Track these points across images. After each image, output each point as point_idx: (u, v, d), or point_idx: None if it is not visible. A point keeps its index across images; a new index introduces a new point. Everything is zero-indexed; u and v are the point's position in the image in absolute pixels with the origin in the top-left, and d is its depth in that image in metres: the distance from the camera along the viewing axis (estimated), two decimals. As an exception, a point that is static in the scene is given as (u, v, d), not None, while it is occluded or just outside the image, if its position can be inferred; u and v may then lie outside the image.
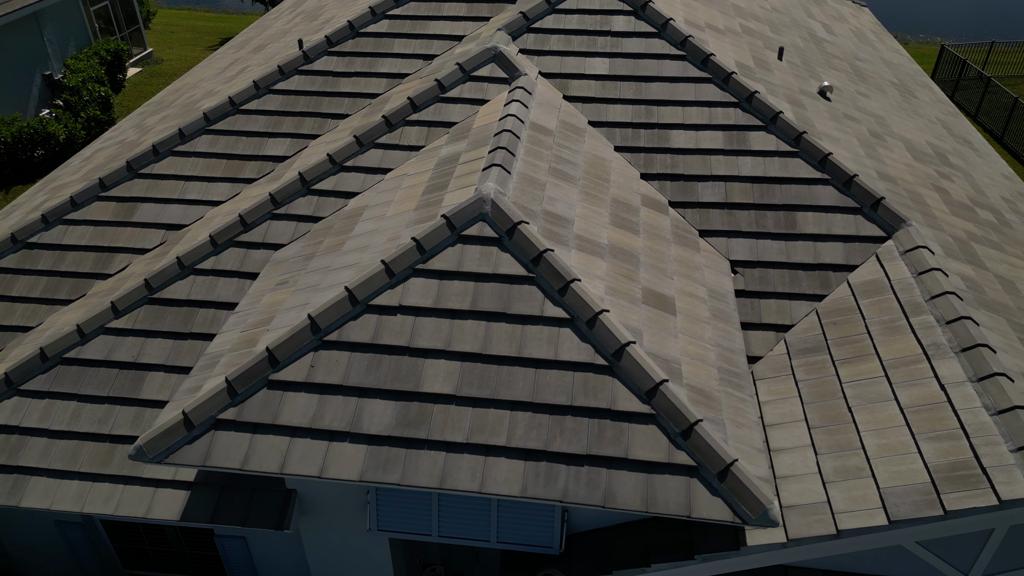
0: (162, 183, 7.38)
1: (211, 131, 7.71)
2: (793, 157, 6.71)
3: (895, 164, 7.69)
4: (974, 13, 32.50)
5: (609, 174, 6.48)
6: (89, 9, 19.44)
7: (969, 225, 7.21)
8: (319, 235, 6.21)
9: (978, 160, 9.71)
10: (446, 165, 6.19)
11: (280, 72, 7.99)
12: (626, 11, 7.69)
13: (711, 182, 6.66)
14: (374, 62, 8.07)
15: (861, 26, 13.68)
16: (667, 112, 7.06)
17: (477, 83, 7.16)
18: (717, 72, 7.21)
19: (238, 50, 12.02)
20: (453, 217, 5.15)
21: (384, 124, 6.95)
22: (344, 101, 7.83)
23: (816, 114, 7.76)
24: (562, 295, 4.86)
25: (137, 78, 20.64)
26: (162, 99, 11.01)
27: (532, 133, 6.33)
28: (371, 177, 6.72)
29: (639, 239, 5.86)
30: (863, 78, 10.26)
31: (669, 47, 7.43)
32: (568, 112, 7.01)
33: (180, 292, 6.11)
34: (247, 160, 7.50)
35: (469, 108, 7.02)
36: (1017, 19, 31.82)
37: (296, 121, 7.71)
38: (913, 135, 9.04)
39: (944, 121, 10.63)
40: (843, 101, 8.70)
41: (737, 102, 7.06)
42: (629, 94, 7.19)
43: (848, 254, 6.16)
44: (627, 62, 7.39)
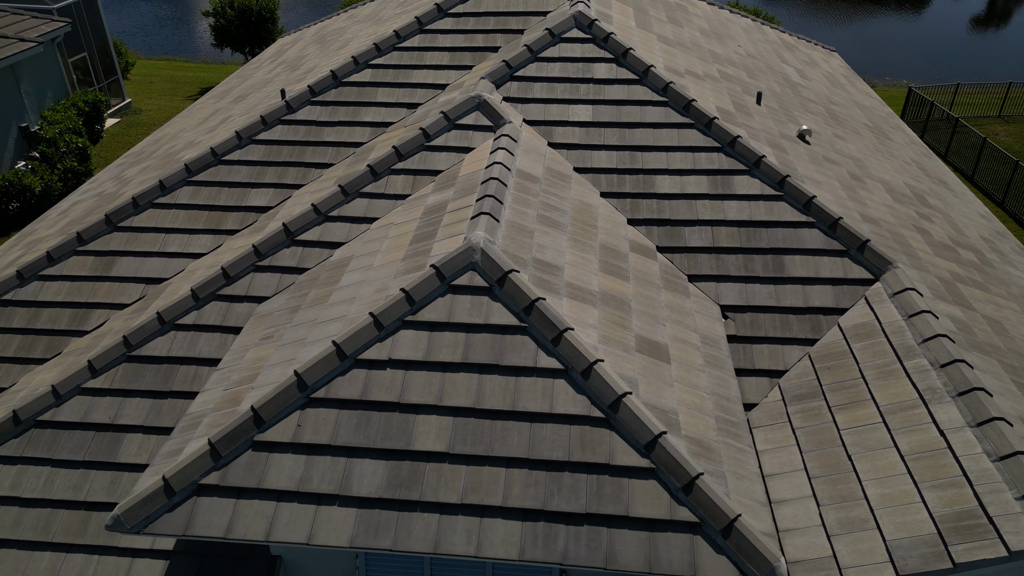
0: (142, 236, 7.24)
1: (192, 182, 7.61)
2: (778, 201, 6.75)
3: (876, 206, 7.77)
4: (938, 56, 33.62)
5: (596, 220, 6.46)
6: (67, 61, 19.43)
7: (953, 266, 7.27)
8: (304, 287, 6.09)
9: (955, 200, 9.87)
10: (433, 214, 6.14)
11: (263, 122, 7.95)
12: (607, 59, 7.78)
13: (698, 227, 6.66)
14: (358, 111, 8.06)
15: (832, 71, 14.03)
16: (651, 158, 7.09)
17: (462, 131, 7.16)
18: (699, 117, 7.28)
19: (219, 100, 12.01)
20: (442, 267, 5.06)
21: (369, 173, 6.90)
22: (328, 150, 7.79)
23: (797, 157, 7.85)
24: (555, 345, 4.76)
25: (115, 128, 20.56)
26: (141, 150, 10.92)
27: (519, 180, 6.31)
28: (357, 227, 6.63)
29: (629, 285, 5.80)
30: (839, 121, 10.46)
31: (651, 93, 7.51)
32: (553, 159, 7.02)
33: (160, 349, 5.93)
34: (229, 211, 7.40)
35: (455, 156, 7.01)
36: (978, 62, 32.95)
37: (279, 171, 7.64)
38: (891, 177, 9.17)
39: (919, 162, 10.84)
40: (822, 144, 8.82)
41: (720, 147, 7.11)
42: (613, 140, 7.22)
43: (837, 297, 6.15)
44: (610, 109, 7.45)
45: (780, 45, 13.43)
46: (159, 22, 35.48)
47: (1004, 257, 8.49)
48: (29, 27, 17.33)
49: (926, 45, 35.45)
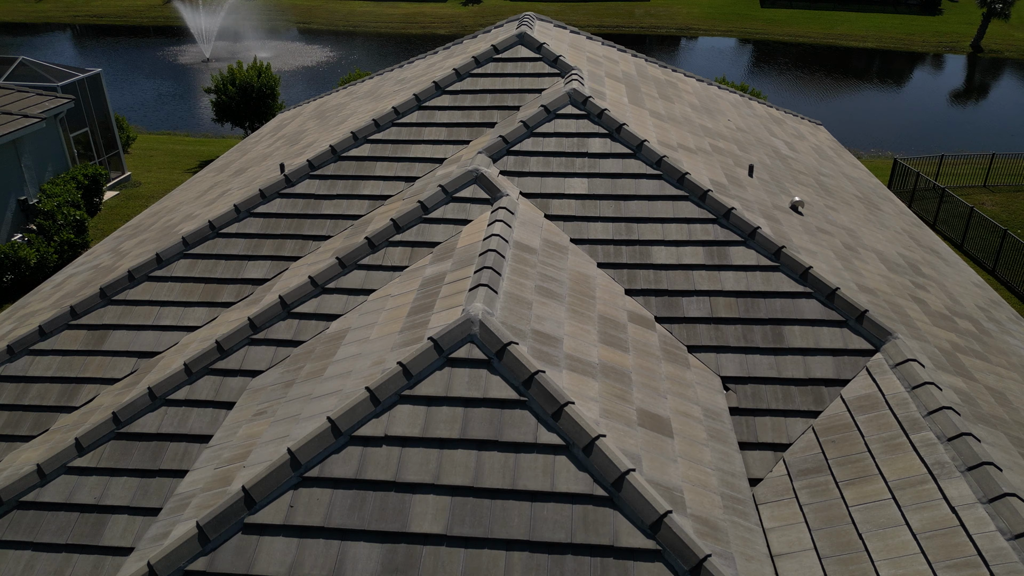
0: (136, 309, 7.19)
1: (189, 255, 7.61)
2: (774, 271, 6.77)
3: (872, 276, 7.80)
4: (920, 129, 34.60)
5: (594, 291, 6.45)
6: (69, 135, 19.77)
7: (951, 335, 7.25)
8: (299, 360, 6.00)
9: (948, 269, 9.94)
10: (431, 285, 6.12)
11: (261, 195, 8.02)
12: (602, 134, 7.94)
13: (695, 297, 6.65)
14: (356, 185, 8.15)
15: (820, 143, 14.36)
16: (647, 229, 7.15)
17: (460, 204, 7.22)
18: (693, 190, 7.38)
19: (218, 173, 12.16)
20: (440, 339, 5.01)
21: (367, 245, 6.91)
22: (326, 223, 7.84)
23: (791, 228, 7.93)
24: (556, 420, 4.66)
25: (114, 201, 20.76)
26: (140, 222, 10.98)
27: (517, 252, 6.32)
28: (354, 299, 6.60)
29: (630, 357, 5.74)
30: (829, 192, 10.63)
31: (645, 167, 7.63)
32: (550, 230, 7.06)
33: (150, 425, 5.79)
34: (226, 284, 7.37)
35: (452, 228, 7.04)
36: (959, 134, 33.91)
37: (277, 243, 7.66)
38: (884, 247, 9.26)
39: (910, 232, 10.97)
40: (814, 215, 8.94)
41: (715, 218, 7.18)
42: (609, 212, 7.29)
43: (838, 368, 6.09)
44: (605, 182, 7.55)
45: (768, 119, 13.78)
46: (161, 99, 36.36)
47: (1001, 326, 8.48)
48: (33, 104, 17.70)
49: (908, 119, 36.54)
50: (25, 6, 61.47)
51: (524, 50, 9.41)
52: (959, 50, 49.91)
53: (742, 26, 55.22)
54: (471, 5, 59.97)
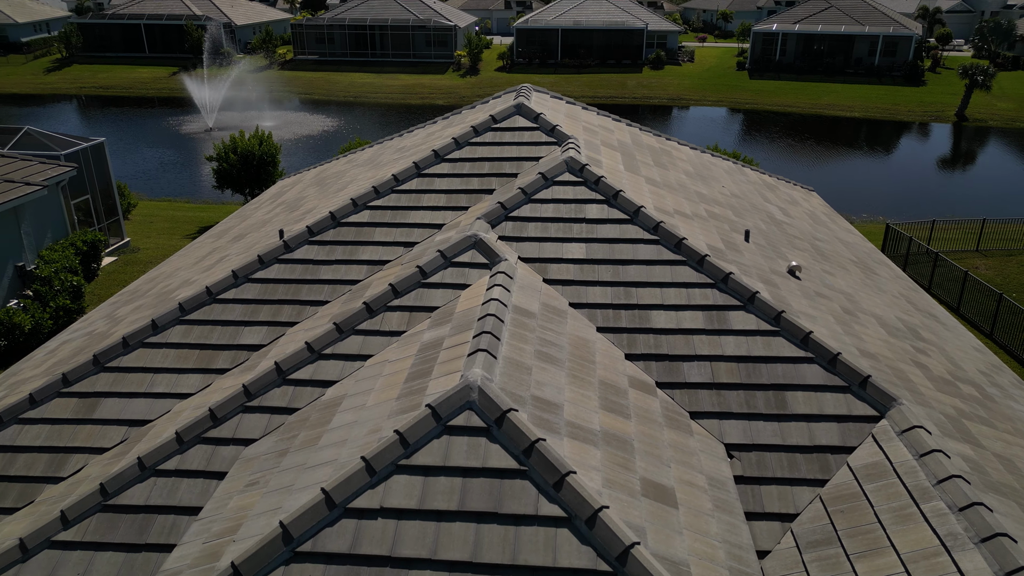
0: (129, 376, 7.08)
1: (185, 321, 7.55)
2: (775, 336, 6.73)
3: (872, 340, 7.76)
4: (910, 195, 35.20)
5: (594, 355, 6.39)
6: (70, 203, 19.97)
7: (955, 401, 7.16)
8: (294, 428, 5.88)
9: (948, 334, 9.91)
10: (429, 350, 6.05)
11: (259, 261, 8.02)
12: (599, 200, 8.03)
13: (696, 362, 6.59)
14: (355, 250, 8.17)
15: (813, 209, 14.54)
16: (646, 293, 7.14)
17: (458, 269, 7.22)
18: (691, 255, 7.41)
19: (217, 239, 12.22)
20: (438, 406, 4.91)
21: (365, 310, 6.88)
22: (324, 288, 7.82)
23: (790, 293, 7.93)
24: (558, 490, 4.53)
25: (112, 267, 20.81)
26: (136, 288, 10.96)
27: (516, 316, 6.28)
28: (350, 364, 6.52)
29: (631, 423, 5.64)
30: (825, 257, 10.69)
31: (643, 232, 7.68)
32: (549, 295, 7.04)
33: (138, 497, 5.62)
34: (221, 350, 7.29)
35: (451, 293, 7.03)
36: (948, 199, 34.48)
37: (274, 309, 7.62)
38: (882, 311, 9.25)
39: (907, 296, 10.99)
40: (812, 279, 8.96)
41: (713, 283, 7.18)
42: (607, 277, 7.29)
43: (843, 435, 5.98)
44: (603, 247, 7.58)
45: (762, 185, 14.00)
46: (163, 167, 36.95)
47: (1004, 391, 8.40)
48: (36, 172, 17.94)
49: (898, 185, 37.23)
50: (33, 78, 63.13)
51: (522, 120, 9.61)
52: (944, 119, 51.28)
53: (732, 96, 56.83)
54: (469, 77, 61.75)
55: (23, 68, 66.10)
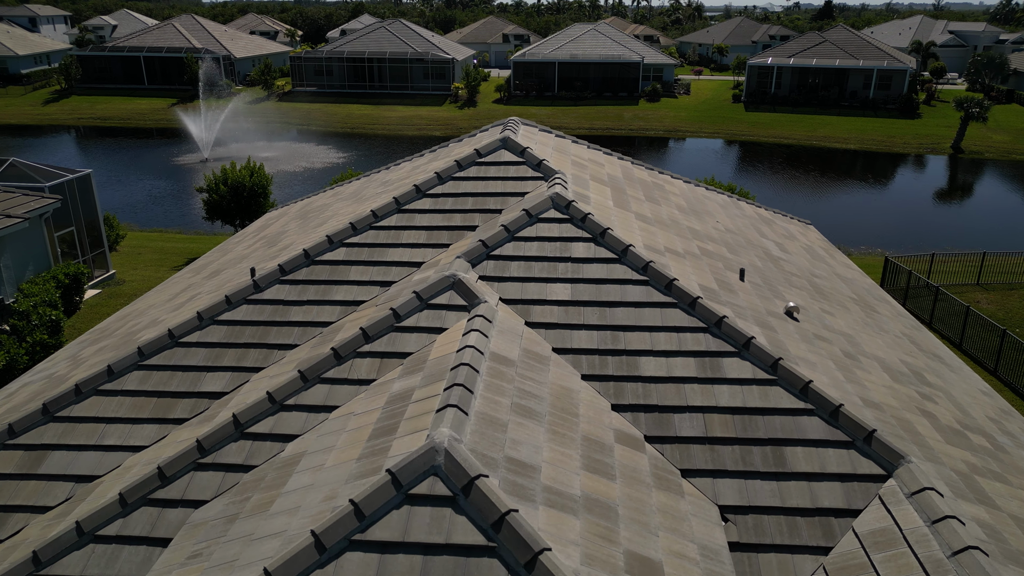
0: (79, 427, 6.60)
1: (144, 366, 7.09)
2: (772, 385, 6.27)
3: (876, 387, 7.30)
4: (908, 227, 34.94)
5: (578, 407, 5.92)
6: (54, 235, 19.58)
7: (966, 454, 6.68)
8: (248, 489, 5.38)
9: (953, 377, 9.45)
10: (397, 403, 5.59)
11: (227, 302, 7.59)
12: (585, 238, 7.62)
13: (688, 413, 6.12)
14: (328, 290, 7.75)
15: (811, 243, 14.17)
16: (634, 338, 6.69)
17: (435, 311, 6.79)
18: (682, 297, 6.98)
19: (195, 274, 11.80)
20: (400, 472, 4.44)
21: (332, 357, 6.42)
22: (293, 331, 7.37)
23: (787, 336, 7.49)
24: (530, 571, 4.04)
25: (95, 299, 20.35)
26: (107, 326, 10.50)
27: (493, 365, 5.83)
28: (314, 416, 6.05)
29: (616, 486, 5.15)
30: (824, 295, 10.27)
31: (631, 272, 7.26)
32: (531, 339, 6.60)
33: (73, 566, 5.10)
34: (180, 398, 6.82)
35: (426, 337, 6.58)
36: (946, 231, 34.22)
37: (239, 353, 7.17)
38: (885, 353, 8.80)
39: (910, 336, 10.55)
40: (810, 320, 8.52)
41: (706, 327, 6.74)
42: (593, 320, 6.86)
43: (848, 496, 5.50)
44: (589, 287, 7.16)
45: (758, 220, 13.64)
46: (155, 199, 36.68)
47: (1016, 440, 7.92)
48: (18, 204, 17.58)
49: (896, 217, 37.00)
50: (31, 109, 63.29)
51: (507, 154, 9.26)
52: (940, 151, 51.34)
53: (727, 128, 56.99)
54: (466, 109, 61.99)
55: (21, 99, 66.33)
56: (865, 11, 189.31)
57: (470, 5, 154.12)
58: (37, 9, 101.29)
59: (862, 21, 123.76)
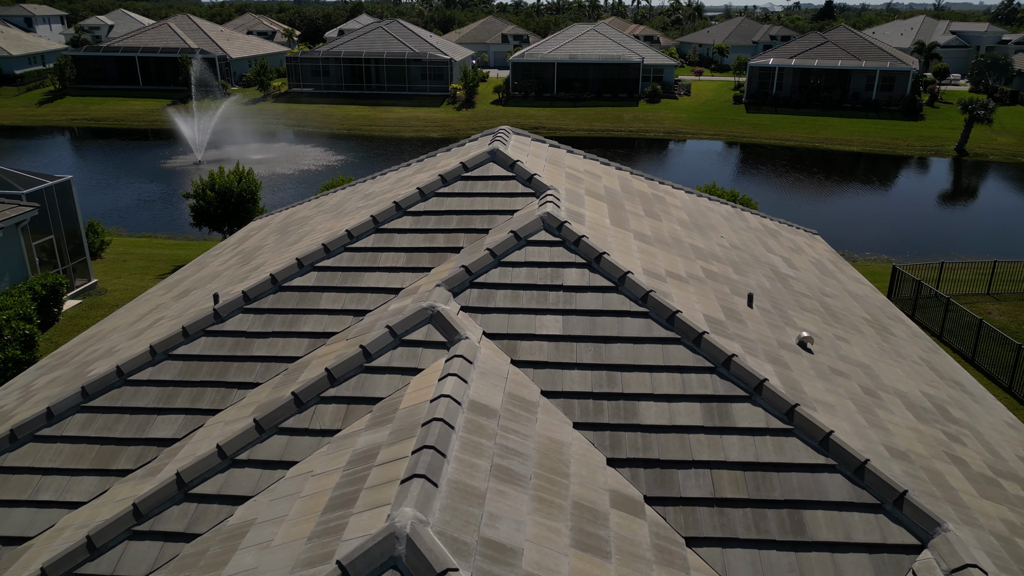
0: (12, 479, 5.90)
1: (88, 408, 6.39)
2: (788, 436, 5.57)
3: (901, 431, 6.60)
4: (914, 233, 34.21)
5: (568, 464, 5.21)
6: (31, 244, 18.88)
7: (1003, 510, 5.98)
8: (186, 566, 4.67)
9: (977, 408, 8.75)
10: (360, 464, 4.88)
11: (184, 334, 6.88)
12: (579, 263, 6.92)
13: (693, 470, 5.42)
14: (296, 320, 7.04)
15: (819, 256, 13.47)
16: (632, 380, 5.99)
17: (410, 348, 6.08)
18: (686, 332, 6.27)
19: (166, 291, 11.11)
20: (351, 566, 3.73)
21: (293, 403, 5.71)
22: (256, 367, 6.67)
23: (802, 373, 6.79)
24: None
25: (75, 311, 19.64)
26: (68, 351, 9.80)
27: (471, 417, 5.13)
28: (269, 474, 5.34)
29: (611, 567, 4.44)
30: (836, 318, 9.57)
31: (629, 303, 6.55)
32: (517, 382, 5.89)
33: (-22, 661, 4.40)
34: (125, 445, 6.12)
35: (399, 379, 5.87)
36: (952, 236, 33.49)
37: (194, 393, 6.46)
38: (906, 385, 8.10)
39: (928, 360, 9.85)
40: (825, 351, 7.82)
41: (713, 367, 6.04)
42: (587, 357, 6.15)
43: (877, 571, 4.79)
44: (583, 320, 6.45)
45: (763, 232, 12.94)
46: (145, 203, 35.96)
47: (1053, 484, 7.21)
48: (-7, 212, 16.88)
49: (902, 221, 36.28)
50: (25, 110, 62.59)
51: (496, 167, 8.55)
52: (944, 154, 50.64)
53: (728, 130, 56.29)
54: (464, 110, 61.29)
55: (15, 100, 65.62)
56: (865, 11, 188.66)
57: (469, 5, 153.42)
58: (33, 9, 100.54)
59: (863, 21, 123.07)
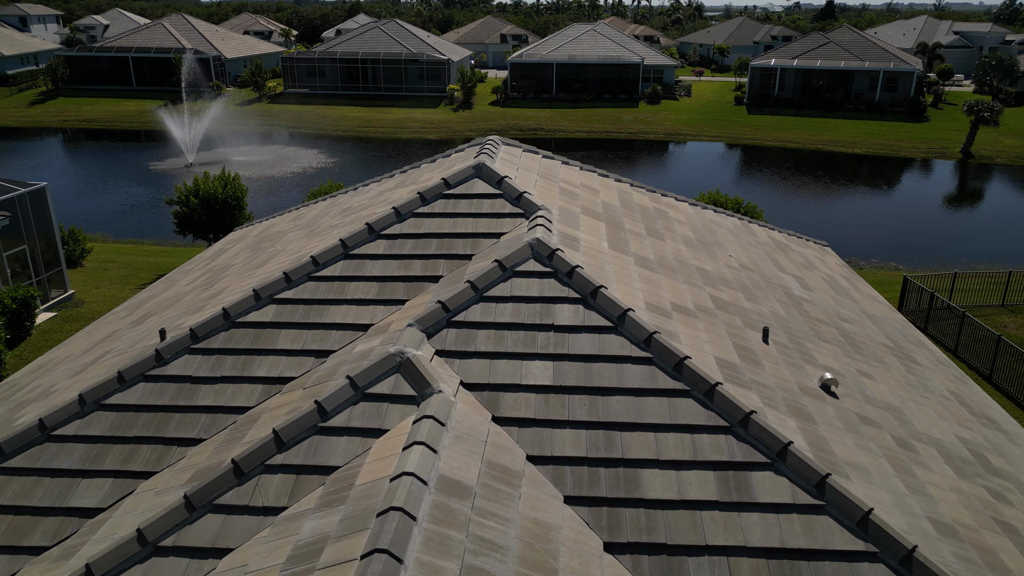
0: (-97, 559, 5.01)
1: (4, 470, 5.51)
2: (819, 514, 4.69)
3: (943, 494, 5.72)
4: (922, 238, 33.31)
5: (558, 555, 4.33)
6: (2, 254, 17.99)
7: (1071, 594, 5.10)
8: None
9: (1014, 450, 7.87)
10: (302, 563, 4.00)
11: (119, 380, 6.01)
12: (572, 299, 6.04)
13: (707, 557, 4.54)
14: (249, 362, 6.17)
15: (831, 272, 12.60)
16: (634, 441, 5.11)
17: (373, 404, 5.20)
18: (697, 382, 5.40)
19: (128, 313, 10.23)
20: None
21: (233, 472, 4.83)
22: (200, 419, 5.79)
23: (829, 427, 5.90)
24: None
25: (48, 324, 18.75)
26: (15, 382, 8.91)
27: (440, 500, 4.25)
28: (198, 565, 4.45)
29: None
30: (857, 348, 8.69)
31: (630, 346, 5.68)
32: (498, 445, 5.01)
33: None
34: (42, 516, 5.24)
35: (359, 443, 4.99)
36: (960, 241, 32.59)
37: (127, 452, 5.58)
38: (940, 430, 7.22)
39: (957, 393, 8.97)
40: (850, 393, 6.94)
41: (729, 426, 5.16)
42: (582, 414, 5.27)
43: None
44: (577, 367, 5.57)
45: (773, 247, 12.07)
46: (132, 207, 35.04)
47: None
48: (-43, 222, 15.99)
49: (907, 226, 35.39)
50: (16, 111, 61.67)
51: (481, 184, 7.68)
52: (949, 156, 49.75)
53: (730, 131, 55.40)
54: (462, 111, 60.38)
55: (6, 101, 64.68)
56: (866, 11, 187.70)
57: (468, 5, 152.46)
58: (28, 8, 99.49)
59: (864, 21, 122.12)
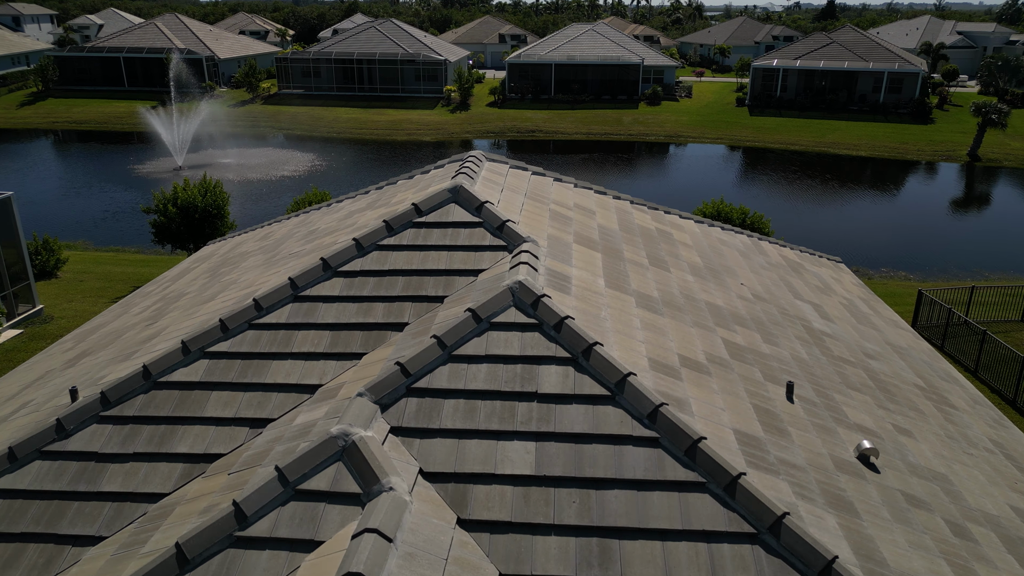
0: None
1: None
2: (876, 661, 3.61)
3: (1018, 606, 4.65)
4: (931, 244, 32.23)
5: None
6: (-39, 269, 16.90)
7: None
8: None
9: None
10: None
11: (10, 458, 4.93)
12: (561, 359, 4.96)
13: None
14: (169, 434, 5.09)
15: (849, 294, 11.53)
16: (637, 554, 4.03)
17: (306, 505, 4.12)
18: (714, 472, 4.32)
19: (72, 347, 9.14)
20: None
21: (121, 602, 3.75)
22: (103, 509, 4.72)
23: (874, 519, 4.82)
24: None
25: (13, 343, 17.66)
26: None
27: (378, 657, 3.16)
28: None
29: None
30: (890, 394, 7.61)
31: (631, 422, 4.60)
32: (463, 563, 3.93)
33: None
34: None
35: (284, 560, 3.91)
36: (971, 248, 31.50)
37: (9, 553, 4.51)
38: (993, 502, 6.15)
39: (999, 443, 7.90)
40: (891, 464, 5.86)
41: (756, 533, 4.08)
42: (571, 516, 4.19)
43: None
44: (565, 450, 4.50)
45: (786, 268, 11.00)
46: (114, 215, 33.91)
47: None
48: (-91, 236, 14.90)
49: (915, 230, 34.29)
50: (4, 112, 60.56)
51: (458, 211, 6.60)
52: (956, 159, 48.67)
53: (731, 133, 54.31)
54: (459, 112, 59.29)
55: (-5, 101, 63.59)
56: (866, 11, 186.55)
57: (467, 4, 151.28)
58: (21, 8, 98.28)
59: (865, 21, 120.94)
